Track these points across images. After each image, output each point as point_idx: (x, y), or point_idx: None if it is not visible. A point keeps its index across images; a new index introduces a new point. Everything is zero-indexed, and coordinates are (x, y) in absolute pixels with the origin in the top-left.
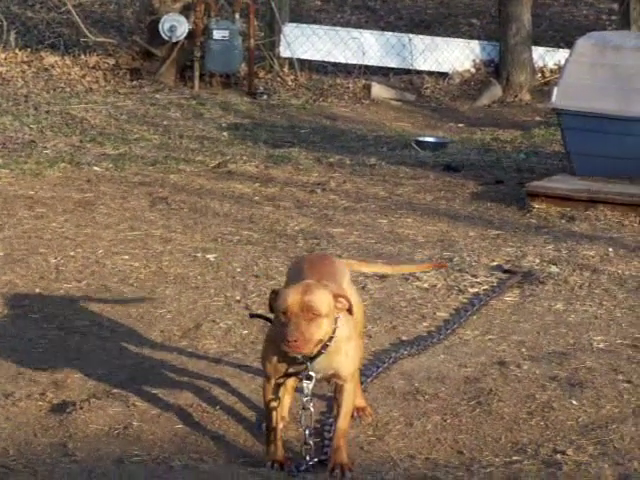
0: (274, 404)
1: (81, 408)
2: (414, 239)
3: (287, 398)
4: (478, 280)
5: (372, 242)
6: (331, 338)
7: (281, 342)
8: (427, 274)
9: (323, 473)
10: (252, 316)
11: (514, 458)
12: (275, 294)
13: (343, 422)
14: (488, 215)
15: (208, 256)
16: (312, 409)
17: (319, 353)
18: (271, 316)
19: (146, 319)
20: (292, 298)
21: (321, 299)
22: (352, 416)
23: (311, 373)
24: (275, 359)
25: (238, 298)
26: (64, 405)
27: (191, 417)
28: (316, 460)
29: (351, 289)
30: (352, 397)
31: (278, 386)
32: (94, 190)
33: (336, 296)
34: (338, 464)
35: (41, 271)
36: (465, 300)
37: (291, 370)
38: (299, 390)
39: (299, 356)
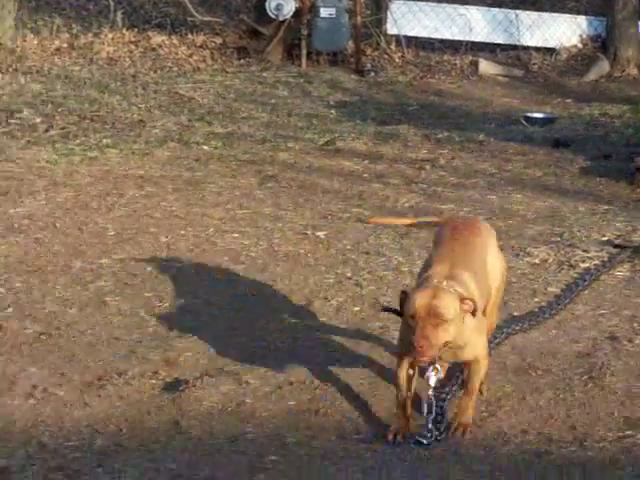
0: (404, 380)
1: (194, 386)
2: (524, 214)
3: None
4: (589, 255)
5: (482, 218)
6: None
7: (409, 346)
8: (538, 249)
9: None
10: (384, 310)
11: (627, 433)
12: (405, 295)
13: (473, 386)
14: (597, 190)
15: (318, 233)
16: (434, 400)
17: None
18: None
19: (258, 297)
20: (419, 303)
21: (447, 305)
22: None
23: (437, 366)
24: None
25: (349, 275)
26: (177, 383)
27: (303, 394)
28: (436, 437)
29: (497, 256)
30: (483, 370)
31: (410, 364)
32: (203, 169)
33: (463, 299)
34: (462, 424)
35: (152, 250)
36: (576, 275)
37: None
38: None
39: (425, 363)
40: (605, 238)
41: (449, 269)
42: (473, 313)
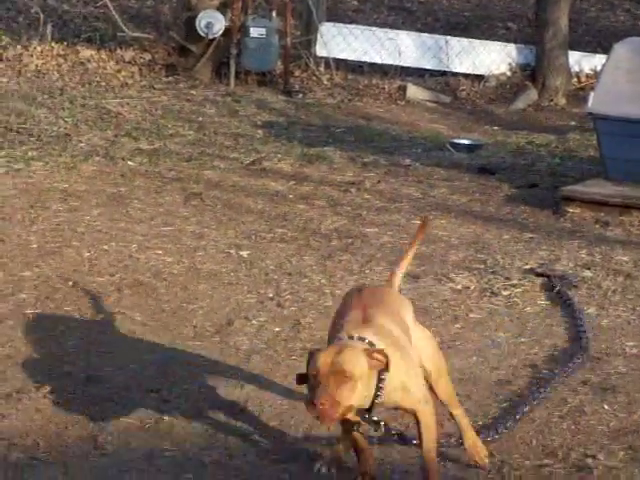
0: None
1: (112, 401)
2: (448, 240)
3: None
4: (511, 283)
5: (406, 242)
6: (380, 390)
7: (307, 407)
8: (461, 276)
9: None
10: (299, 381)
11: (545, 461)
12: (310, 355)
13: (428, 444)
14: (522, 218)
15: (241, 253)
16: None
17: (371, 406)
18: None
19: (179, 314)
20: (322, 360)
21: (352, 360)
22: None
23: (375, 418)
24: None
25: (271, 295)
26: (95, 398)
27: (222, 413)
28: None
29: (417, 326)
30: (431, 419)
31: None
32: (128, 184)
33: (371, 353)
34: None
35: (74, 264)
36: (498, 302)
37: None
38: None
39: (328, 425)
40: (528, 266)
41: (361, 323)
42: (386, 367)
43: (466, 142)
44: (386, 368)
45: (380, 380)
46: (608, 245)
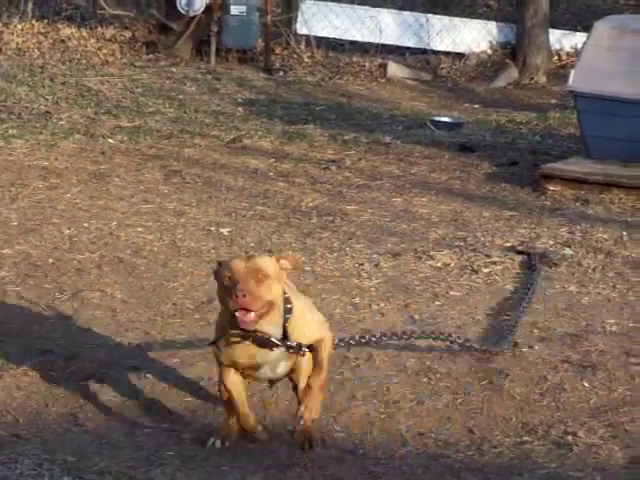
0: (237, 384)
1: (92, 378)
2: (428, 218)
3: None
4: (492, 260)
5: (386, 220)
6: (290, 310)
7: (230, 303)
8: (441, 253)
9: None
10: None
11: (525, 438)
12: (219, 265)
13: (321, 377)
14: (502, 196)
15: (222, 230)
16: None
17: (284, 331)
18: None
19: (159, 292)
20: (237, 263)
21: (266, 261)
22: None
23: (294, 343)
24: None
25: None
26: (75, 375)
27: (201, 390)
28: None
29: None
30: (325, 363)
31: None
32: (108, 162)
33: (278, 259)
34: (307, 434)
35: (54, 241)
36: (479, 280)
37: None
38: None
39: (251, 328)
40: (508, 244)
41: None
42: (295, 267)
43: (447, 120)
44: (295, 267)
45: (287, 310)
46: (588, 223)
